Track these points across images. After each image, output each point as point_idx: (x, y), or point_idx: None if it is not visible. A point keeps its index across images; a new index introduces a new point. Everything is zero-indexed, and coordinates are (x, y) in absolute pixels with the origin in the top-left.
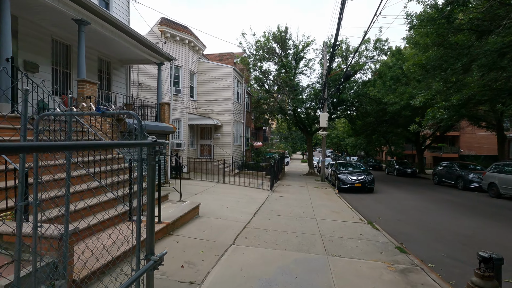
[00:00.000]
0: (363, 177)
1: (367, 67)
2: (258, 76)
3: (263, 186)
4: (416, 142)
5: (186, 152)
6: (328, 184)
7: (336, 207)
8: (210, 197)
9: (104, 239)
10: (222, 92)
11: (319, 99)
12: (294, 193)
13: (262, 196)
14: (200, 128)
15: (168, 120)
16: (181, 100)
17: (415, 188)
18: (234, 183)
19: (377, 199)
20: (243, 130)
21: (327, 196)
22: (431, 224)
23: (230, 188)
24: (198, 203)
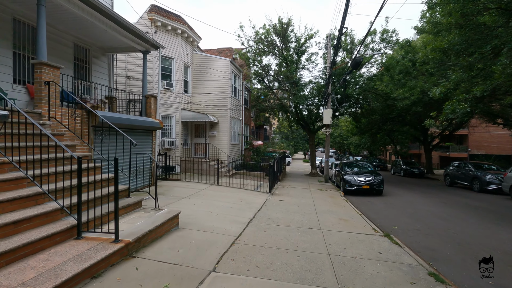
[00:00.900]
0: (371, 179)
1: (374, 60)
2: (257, 71)
3: (262, 188)
4: (423, 141)
5: (179, 151)
6: (332, 186)
7: (344, 213)
8: (199, 202)
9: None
10: (219, 86)
11: (322, 95)
12: (296, 196)
13: (260, 200)
14: (194, 125)
15: (155, 114)
16: (174, 94)
17: (426, 189)
18: (229, 185)
19: (388, 203)
20: (242, 128)
21: (332, 199)
22: (459, 235)
23: (224, 191)
24: (177, 211)
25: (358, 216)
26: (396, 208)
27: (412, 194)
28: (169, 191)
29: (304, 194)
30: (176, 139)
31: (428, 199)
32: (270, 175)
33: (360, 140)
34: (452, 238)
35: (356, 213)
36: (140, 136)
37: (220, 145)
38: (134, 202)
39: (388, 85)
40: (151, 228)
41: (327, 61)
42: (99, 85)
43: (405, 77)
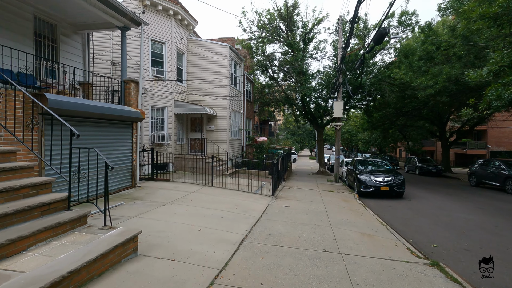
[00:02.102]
0: (390, 179)
1: (390, 47)
2: (261, 61)
3: (263, 190)
4: (441, 137)
5: (172, 147)
6: (344, 186)
7: (365, 224)
8: (182, 210)
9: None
10: (217, 75)
11: (332, 86)
12: (303, 200)
13: (260, 206)
14: (190, 118)
15: (136, 103)
16: (166, 84)
17: (451, 191)
18: (226, 186)
19: (414, 209)
20: (243, 122)
21: (347, 204)
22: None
23: (218, 194)
24: (135, 232)
25: (384, 228)
26: (426, 215)
27: (438, 197)
28: (150, 195)
29: (313, 197)
30: (168, 133)
31: (460, 204)
32: (273, 175)
33: (370, 136)
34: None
35: (379, 223)
36: (115, 129)
37: (218, 140)
38: (71, 218)
39: (407, 73)
40: (79, 265)
41: (337, 48)
42: (69, 67)
43: (427, 63)
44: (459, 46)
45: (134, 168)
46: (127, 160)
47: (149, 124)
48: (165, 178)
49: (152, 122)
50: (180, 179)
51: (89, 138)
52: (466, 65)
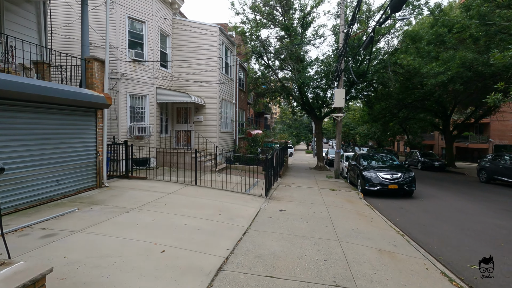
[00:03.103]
0: (399, 176)
1: (396, 30)
2: (255, 46)
3: (256, 189)
4: (444, 130)
5: (154, 139)
6: (346, 183)
7: (379, 234)
8: (149, 219)
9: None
10: (206, 60)
11: (332, 74)
12: (302, 202)
13: (250, 210)
14: (176, 108)
15: (101, 86)
16: (147, 68)
17: (463, 188)
18: (212, 185)
19: (430, 211)
20: (235, 113)
21: (352, 206)
22: None
23: (201, 195)
24: (41, 271)
25: (403, 240)
26: (447, 220)
27: (450, 195)
28: (115, 198)
29: (312, 197)
30: (149, 125)
31: (480, 204)
32: (267, 173)
33: (369, 130)
34: None
35: (395, 232)
36: (72, 117)
37: (207, 133)
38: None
39: (415, 58)
40: None
41: (338, 33)
42: (21, 44)
43: (437, 48)
44: (475, 27)
45: (100, 165)
46: (89, 155)
47: (127, 114)
48: (142, 175)
49: (131, 111)
50: (160, 177)
51: (30, 128)
52: (487, 49)
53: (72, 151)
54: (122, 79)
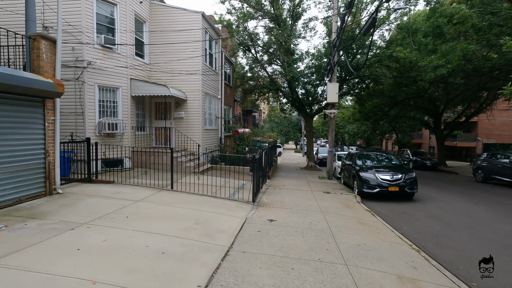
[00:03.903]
0: (400, 177)
1: (391, 22)
2: (243, 37)
3: (242, 193)
4: (435, 129)
5: (129, 137)
6: (340, 184)
7: (391, 250)
8: (98, 239)
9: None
10: (187, 50)
11: (324, 68)
12: (295, 208)
13: (233, 221)
14: (155, 103)
15: (52, 71)
16: (119, 57)
17: (462, 189)
18: (191, 189)
19: (437, 216)
20: (221, 109)
21: (352, 212)
22: None
23: (176, 203)
24: None
25: (422, 259)
26: (458, 227)
27: (452, 197)
28: (65, 208)
29: (306, 202)
30: (123, 121)
31: (489, 208)
32: (254, 175)
33: (359, 128)
34: None
35: (408, 247)
36: (6, 107)
37: (188, 130)
38: None
39: (412, 51)
40: None
41: (331, 23)
42: None
43: (435, 41)
44: (477, 17)
45: (50, 167)
46: (35, 155)
47: (95, 108)
48: (109, 179)
49: (101, 105)
50: (132, 180)
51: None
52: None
53: (9, 150)
54: (89, 68)
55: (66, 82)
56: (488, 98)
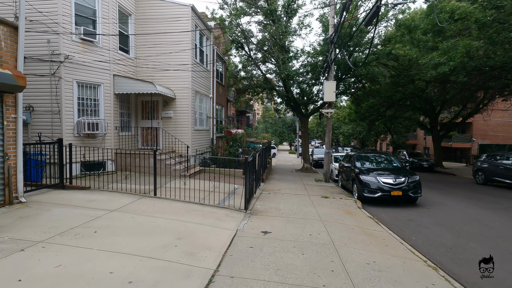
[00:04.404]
0: (403, 180)
1: (389, 19)
2: (236, 35)
3: (233, 199)
4: (432, 129)
5: (111, 139)
6: (338, 188)
7: (408, 272)
8: (52, 263)
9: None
10: (176, 46)
11: (321, 66)
12: (292, 217)
13: (221, 235)
14: (141, 102)
15: (12, 61)
16: (101, 51)
17: (463, 191)
18: (177, 196)
19: (446, 224)
20: (212, 109)
21: (354, 220)
22: None
23: (156, 212)
24: None
25: (443, 281)
26: (472, 237)
27: (458, 201)
28: (24, 222)
29: (304, 209)
30: (105, 120)
31: (499, 214)
32: (246, 179)
33: (354, 129)
34: None
35: (423, 264)
36: None
37: (177, 131)
38: None
39: (412, 48)
40: None
41: (328, 20)
42: None
43: (435, 38)
44: (480, 12)
45: (10, 173)
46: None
47: (73, 106)
48: (84, 184)
49: (80, 104)
50: (111, 185)
51: None
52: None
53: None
54: (66, 63)
55: (41, 78)
56: (485, 98)
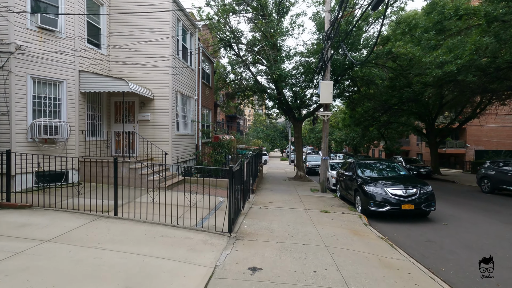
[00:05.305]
0: (415, 191)
1: (388, 16)
2: (223, 33)
3: (215, 217)
4: (428, 135)
5: (76, 144)
6: (337, 199)
7: None
8: None
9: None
10: (155, 41)
11: (316, 65)
12: (288, 243)
13: (190, 278)
14: (115, 103)
15: None
16: (64, 43)
17: (476, 202)
18: (141, 216)
19: (473, 246)
20: (198, 111)
21: (365, 243)
22: None
23: (108, 241)
24: None
25: None
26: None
27: (474, 215)
28: None
29: (303, 229)
30: (67, 123)
31: None
32: (231, 193)
33: (347, 135)
34: None
35: None
36: None
37: (156, 136)
38: None
39: (414, 46)
40: None
41: (324, 14)
42: None
43: (437, 36)
44: (489, 5)
45: None
46: None
47: (27, 106)
48: (25, 202)
49: (36, 103)
50: (65, 202)
51: None
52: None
53: None
54: (18, 54)
55: None
56: (482, 102)
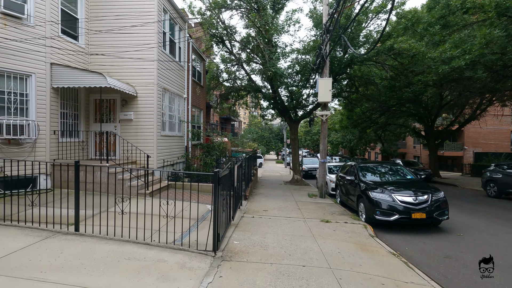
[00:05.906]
0: (426, 198)
1: (388, 11)
2: (215, 28)
3: (199, 230)
4: (427, 137)
5: (47, 146)
6: (337, 205)
7: None
8: None
9: None
10: (138, 32)
11: (313, 62)
12: (286, 265)
13: None
14: (94, 101)
15: None
16: (32, 31)
17: (487, 208)
18: (108, 231)
19: (499, 263)
20: (187, 111)
21: (376, 263)
22: None
23: (56, 270)
24: None
25: None
26: None
27: (488, 223)
28: None
29: (302, 244)
30: (35, 122)
31: None
32: (217, 203)
33: (344, 137)
34: None
35: None
36: None
37: (139, 136)
38: None
39: (418, 41)
40: None
41: (321, 9)
42: None
43: (442, 31)
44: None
45: None
46: None
47: None
48: None
49: None
50: (23, 213)
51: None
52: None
53: None
54: None
55: None
56: (482, 103)
